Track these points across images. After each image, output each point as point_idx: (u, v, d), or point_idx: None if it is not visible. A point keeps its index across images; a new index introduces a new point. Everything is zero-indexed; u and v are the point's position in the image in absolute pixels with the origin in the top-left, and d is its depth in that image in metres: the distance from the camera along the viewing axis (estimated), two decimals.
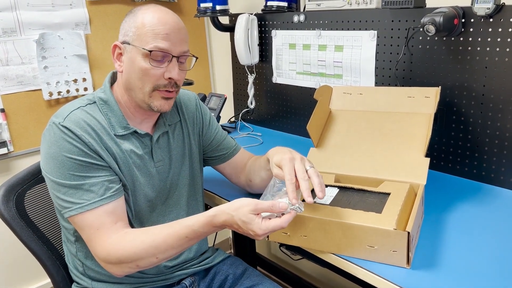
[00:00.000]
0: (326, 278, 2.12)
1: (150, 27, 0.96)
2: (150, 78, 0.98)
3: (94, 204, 0.94)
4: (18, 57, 1.78)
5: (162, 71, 0.99)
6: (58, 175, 0.94)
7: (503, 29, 1.15)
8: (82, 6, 1.92)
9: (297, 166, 0.93)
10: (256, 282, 1.17)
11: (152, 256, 0.92)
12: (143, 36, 0.96)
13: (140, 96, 1.00)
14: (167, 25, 0.97)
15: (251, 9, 2.04)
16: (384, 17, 1.41)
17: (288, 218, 0.85)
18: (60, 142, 0.94)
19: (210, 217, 0.89)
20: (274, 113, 1.94)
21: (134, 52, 0.98)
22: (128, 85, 1.02)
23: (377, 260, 0.90)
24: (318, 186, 0.90)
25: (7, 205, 1.11)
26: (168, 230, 0.92)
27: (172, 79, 1.00)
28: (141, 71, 0.98)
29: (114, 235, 0.94)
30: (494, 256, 0.91)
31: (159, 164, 1.08)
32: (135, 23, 0.98)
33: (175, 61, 0.99)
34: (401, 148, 1.15)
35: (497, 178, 1.24)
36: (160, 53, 0.97)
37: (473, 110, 1.26)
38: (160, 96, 1.01)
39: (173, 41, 0.97)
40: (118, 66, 1.03)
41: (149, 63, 0.97)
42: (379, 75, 1.48)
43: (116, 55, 1.02)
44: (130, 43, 0.98)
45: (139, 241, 0.92)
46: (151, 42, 0.96)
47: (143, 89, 0.99)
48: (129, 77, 1.01)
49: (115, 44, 1.02)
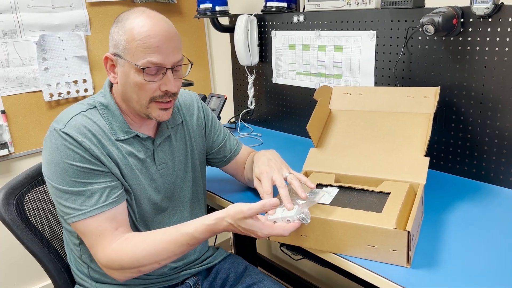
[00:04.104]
0: (326, 277, 2.12)
1: (140, 40, 0.92)
2: (146, 92, 0.97)
3: (95, 210, 0.94)
4: (18, 59, 1.79)
5: (157, 85, 0.97)
6: (60, 181, 0.95)
7: (502, 28, 1.15)
8: (82, 8, 1.92)
9: (275, 177, 1.01)
10: (257, 280, 1.18)
11: (154, 263, 0.94)
12: (134, 50, 0.93)
13: (138, 108, 1.00)
14: (158, 36, 0.93)
15: (250, 9, 2.04)
16: (383, 17, 1.42)
17: (291, 228, 0.88)
18: (61, 149, 0.94)
19: (210, 225, 0.90)
20: (274, 113, 1.94)
21: (127, 67, 0.96)
22: (125, 97, 1.01)
23: (377, 259, 0.91)
24: (299, 189, 0.96)
25: (7, 208, 1.11)
26: (170, 238, 0.93)
27: (168, 91, 0.98)
28: (136, 85, 0.96)
29: (115, 241, 0.95)
30: (494, 255, 0.91)
31: (162, 167, 1.08)
32: (124, 35, 0.94)
33: (169, 73, 0.97)
34: (401, 147, 1.15)
35: (497, 177, 1.25)
36: (153, 68, 0.94)
37: (472, 109, 1.27)
38: (158, 108, 0.99)
39: (165, 53, 0.94)
40: (113, 78, 1.01)
41: (143, 78, 0.95)
42: (378, 75, 1.48)
43: (109, 66, 1.00)
44: (121, 57, 0.95)
45: (140, 248, 0.93)
46: (142, 57, 0.93)
47: (140, 102, 0.98)
48: (125, 90, 0.99)
49: (106, 56, 0.99)
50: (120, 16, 0.98)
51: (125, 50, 0.94)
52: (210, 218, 0.91)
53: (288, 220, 0.88)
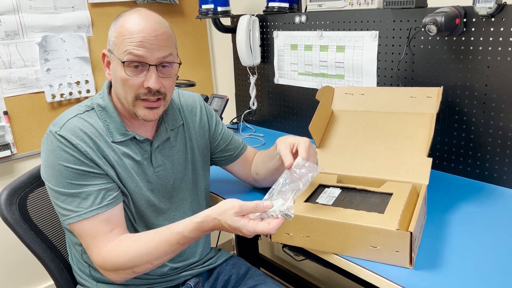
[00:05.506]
0: (328, 278, 2.12)
1: (127, 35, 0.93)
2: (130, 88, 0.97)
3: (91, 212, 0.95)
4: (21, 60, 1.79)
5: (140, 80, 0.96)
6: (56, 183, 0.95)
7: (505, 28, 1.15)
8: (84, 9, 1.92)
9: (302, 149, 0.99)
10: (259, 282, 1.17)
11: (147, 263, 0.94)
12: (120, 44, 0.94)
13: (126, 105, 1.00)
14: (142, 32, 0.93)
15: (252, 10, 2.04)
16: (386, 17, 1.41)
17: (277, 224, 0.84)
18: (57, 151, 0.95)
19: (198, 223, 0.90)
20: (276, 114, 1.94)
21: (115, 62, 0.97)
22: (116, 94, 1.02)
23: (380, 260, 0.90)
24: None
25: (10, 208, 1.11)
26: (160, 237, 0.93)
27: (150, 88, 0.97)
28: (121, 80, 0.96)
29: (110, 243, 0.95)
30: (497, 256, 0.91)
31: (160, 169, 1.08)
32: (115, 32, 0.96)
33: (152, 69, 0.95)
34: (404, 148, 1.15)
35: (500, 178, 1.24)
36: (134, 62, 0.94)
37: (475, 109, 1.26)
38: (143, 106, 0.99)
39: (148, 48, 0.94)
40: (108, 74, 1.02)
41: (125, 72, 0.95)
42: (381, 75, 1.48)
43: (106, 63, 1.01)
44: (112, 52, 0.97)
45: (132, 249, 0.94)
46: (125, 50, 0.94)
47: (127, 98, 0.98)
48: (115, 86, 1.00)
49: (103, 52, 1.00)
50: (118, 15, 1.00)
51: (114, 45, 0.96)
52: (200, 215, 0.90)
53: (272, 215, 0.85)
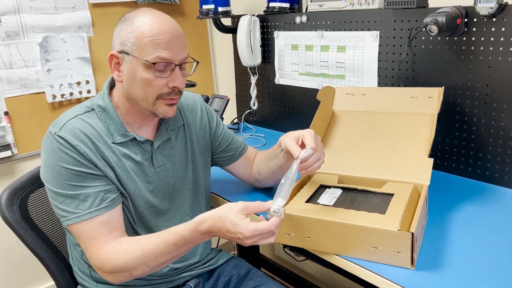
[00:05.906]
0: (329, 279, 2.11)
1: (150, 36, 0.94)
2: (153, 89, 0.97)
3: (89, 214, 0.95)
4: (21, 60, 1.79)
5: (165, 81, 0.98)
6: (55, 184, 0.95)
7: (506, 28, 1.15)
8: (85, 9, 1.92)
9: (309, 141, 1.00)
10: (259, 283, 1.17)
11: (143, 265, 0.93)
12: (144, 46, 0.94)
13: (144, 105, 1.00)
14: (167, 33, 0.95)
15: (253, 10, 2.04)
16: (387, 17, 1.41)
17: (276, 221, 0.84)
18: (56, 152, 0.95)
19: (196, 223, 0.88)
20: (277, 114, 1.94)
21: (135, 63, 0.96)
22: (130, 95, 1.00)
23: (381, 261, 0.90)
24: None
25: (10, 208, 1.11)
26: (158, 239, 0.92)
27: (176, 87, 0.99)
28: (143, 82, 0.96)
29: (108, 245, 0.95)
30: (499, 257, 0.91)
31: (160, 169, 1.08)
32: (133, 33, 0.95)
33: (177, 69, 0.98)
34: (405, 148, 1.15)
35: (501, 178, 1.24)
36: (162, 64, 0.96)
37: (476, 110, 1.26)
38: (165, 104, 1.00)
39: (174, 50, 0.96)
40: (117, 76, 1.00)
41: (153, 74, 0.96)
42: (381, 75, 1.47)
43: (114, 64, 1.00)
44: (129, 53, 0.96)
45: (130, 251, 0.93)
46: (152, 52, 0.94)
47: (147, 99, 0.98)
48: (130, 87, 0.99)
49: (112, 54, 0.99)
50: (126, 15, 0.99)
51: (133, 46, 0.95)
52: (202, 215, 0.89)
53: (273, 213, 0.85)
